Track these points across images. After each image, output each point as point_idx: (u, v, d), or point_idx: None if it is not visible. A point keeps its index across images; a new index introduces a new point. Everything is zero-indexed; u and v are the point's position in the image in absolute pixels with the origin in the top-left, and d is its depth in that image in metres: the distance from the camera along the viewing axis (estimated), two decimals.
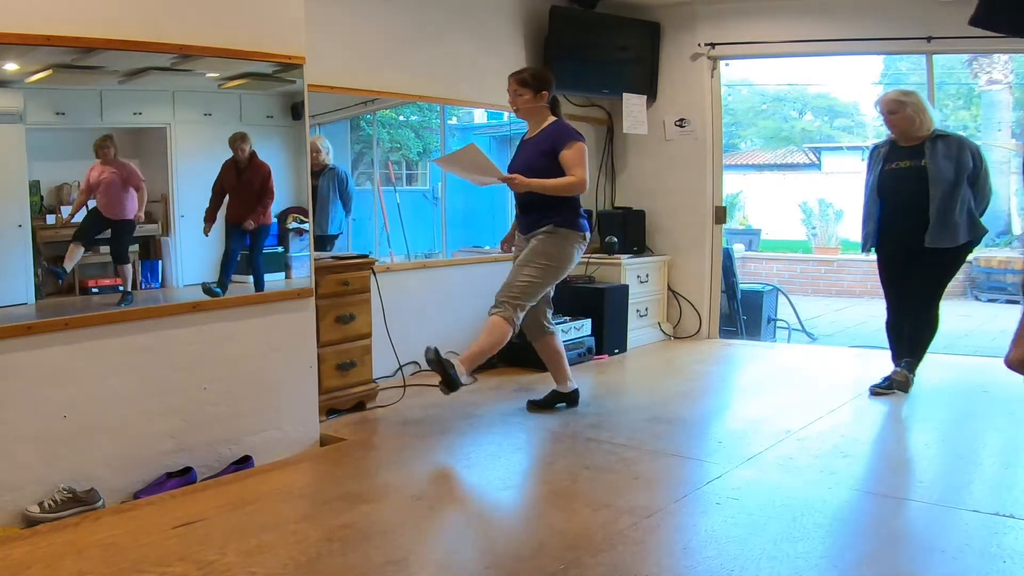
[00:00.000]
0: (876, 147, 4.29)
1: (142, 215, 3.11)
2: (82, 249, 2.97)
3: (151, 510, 2.75)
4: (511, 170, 3.82)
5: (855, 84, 17.59)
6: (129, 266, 3.10)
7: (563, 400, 4.00)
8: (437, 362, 3.48)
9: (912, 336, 4.19)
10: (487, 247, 5.42)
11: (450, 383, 3.51)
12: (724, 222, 5.98)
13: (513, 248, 4.06)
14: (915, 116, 4.03)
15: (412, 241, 5.09)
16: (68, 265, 2.93)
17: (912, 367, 4.19)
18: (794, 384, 4.62)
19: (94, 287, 3.01)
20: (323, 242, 4.34)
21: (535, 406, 3.97)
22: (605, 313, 5.27)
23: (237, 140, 3.31)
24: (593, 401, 4.27)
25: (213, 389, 3.19)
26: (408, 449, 3.40)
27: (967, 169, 4.01)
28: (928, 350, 4.22)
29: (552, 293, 3.96)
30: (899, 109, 4.04)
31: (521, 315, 3.70)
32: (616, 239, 5.68)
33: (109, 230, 3.05)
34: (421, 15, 4.68)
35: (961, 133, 4.42)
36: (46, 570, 2.30)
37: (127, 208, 3.07)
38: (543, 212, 3.78)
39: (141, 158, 3.19)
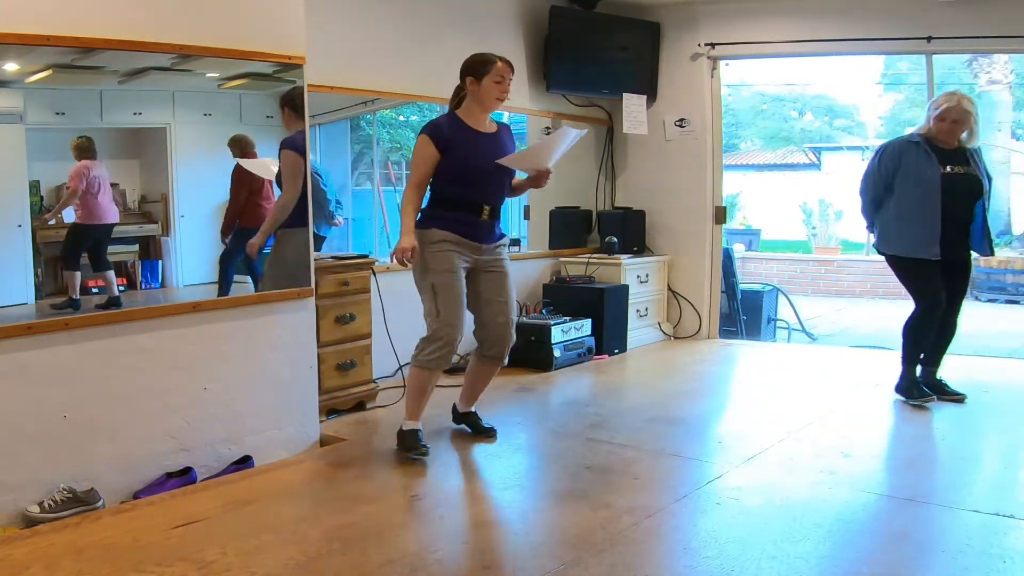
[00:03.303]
0: (907, 142, 4.04)
1: (48, 219, 2.94)
2: (75, 273, 2.98)
3: (151, 510, 2.75)
4: (487, 169, 3.29)
5: (855, 84, 17.59)
6: (110, 272, 3.04)
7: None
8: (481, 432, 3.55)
9: (943, 346, 4.14)
10: None
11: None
12: (724, 222, 5.98)
13: (456, 260, 3.26)
14: (975, 127, 3.95)
15: None
16: (72, 295, 2.95)
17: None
18: (794, 384, 4.62)
19: (94, 287, 3.02)
20: None
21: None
22: (605, 313, 5.27)
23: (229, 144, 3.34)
24: (593, 401, 4.27)
25: (213, 389, 3.19)
26: None
27: (988, 177, 4.03)
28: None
29: None
30: (967, 120, 3.91)
31: None
32: (616, 239, 5.68)
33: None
34: (421, 15, 4.69)
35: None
36: (46, 570, 2.30)
37: (87, 213, 3.02)
38: (500, 219, 3.44)
39: (141, 158, 3.20)
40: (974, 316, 8.54)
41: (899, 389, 4.17)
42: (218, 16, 3.12)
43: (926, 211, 3.93)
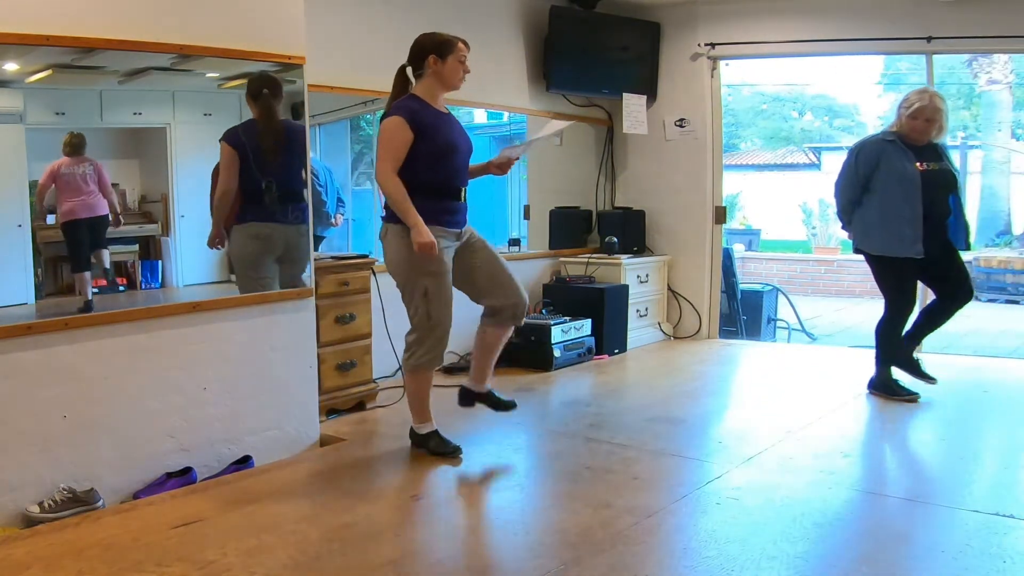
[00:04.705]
0: (882, 141, 4.04)
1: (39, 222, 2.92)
2: (80, 274, 2.99)
3: (151, 510, 2.75)
4: (461, 148, 3.24)
5: (855, 84, 17.62)
6: (85, 274, 3.01)
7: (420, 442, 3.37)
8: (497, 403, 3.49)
9: (932, 329, 4.17)
10: None
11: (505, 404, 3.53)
12: (724, 222, 5.98)
13: (448, 256, 3.20)
14: (944, 123, 3.98)
15: None
16: (85, 296, 2.97)
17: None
18: (794, 384, 4.62)
19: (93, 287, 3.02)
20: None
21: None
22: (605, 313, 5.27)
23: None
24: (593, 401, 4.27)
25: (213, 389, 3.19)
26: (408, 449, 3.39)
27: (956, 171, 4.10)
28: None
29: None
30: (939, 118, 3.94)
31: None
32: (616, 239, 5.68)
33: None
34: (421, 15, 4.68)
35: None
36: (46, 570, 2.30)
37: (63, 211, 2.99)
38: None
39: (141, 158, 3.20)
40: (974, 316, 8.56)
41: (875, 387, 4.21)
42: (218, 16, 3.11)
43: (908, 209, 3.95)
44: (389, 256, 3.21)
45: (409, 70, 3.23)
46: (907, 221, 3.95)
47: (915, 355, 4.20)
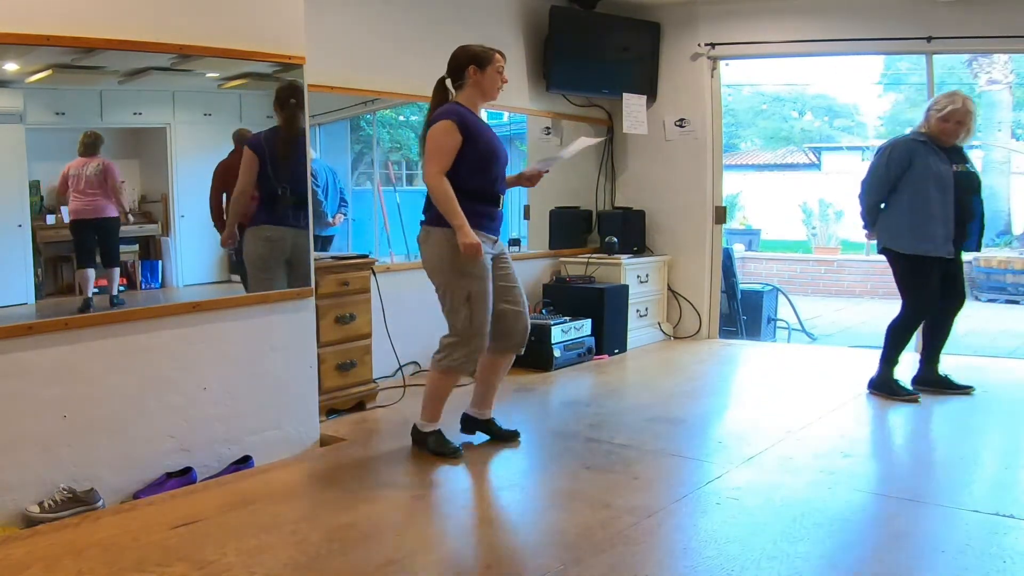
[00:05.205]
0: (913, 141, 4.03)
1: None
2: (82, 272, 2.99)
3: (151, 510, 2.75)
4: (501, 156, 3.30)
5: (855, 84, 17.62)
6: (88, 271, 3.01)
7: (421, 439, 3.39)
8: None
9: (942, 343, 4.22)
10: None
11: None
12: (724, 222, 5.98)
13: (489, 261, 3.23)
14: (972, 126, 4.00)
15: (412, 241, 5.08)
16: (85, 294, 2.97)
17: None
18: (794, 384, 4.62)
19: (94, 287, 3.02)
20: None
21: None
22: (605, 313, 5.27)
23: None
24: (593, 401, 4.27)
25: (213, 389, 3.19)
26: (408, 449, 3.40)
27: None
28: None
29: None
30: (969, 121, 3.94)
31: None
32: (616, 239, 5.68)
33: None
34: (421, 15, 4.69)
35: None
36: (46, 570, 2.30)
37: (69, 210, 3.01)
38: None
39: (141, 158, 3.20)
40: (974, 316, 8.56)
41: (876, 387, 4.21)
42: (218, 16, 3.12)
43: (941, 209, 3.95)
44: (430, 260, 3.23)
45: (448, 82, 3.28)
46: (940, 221, 3.95)
47: (941, 372, 4.22)
